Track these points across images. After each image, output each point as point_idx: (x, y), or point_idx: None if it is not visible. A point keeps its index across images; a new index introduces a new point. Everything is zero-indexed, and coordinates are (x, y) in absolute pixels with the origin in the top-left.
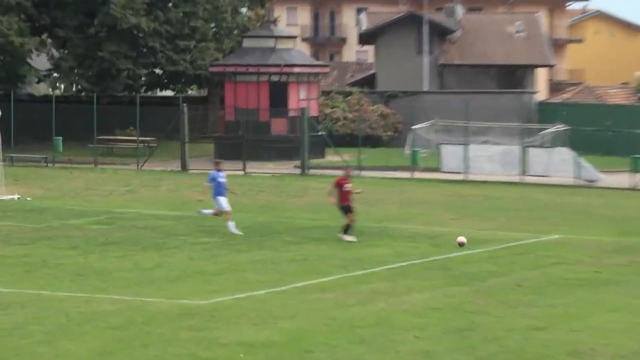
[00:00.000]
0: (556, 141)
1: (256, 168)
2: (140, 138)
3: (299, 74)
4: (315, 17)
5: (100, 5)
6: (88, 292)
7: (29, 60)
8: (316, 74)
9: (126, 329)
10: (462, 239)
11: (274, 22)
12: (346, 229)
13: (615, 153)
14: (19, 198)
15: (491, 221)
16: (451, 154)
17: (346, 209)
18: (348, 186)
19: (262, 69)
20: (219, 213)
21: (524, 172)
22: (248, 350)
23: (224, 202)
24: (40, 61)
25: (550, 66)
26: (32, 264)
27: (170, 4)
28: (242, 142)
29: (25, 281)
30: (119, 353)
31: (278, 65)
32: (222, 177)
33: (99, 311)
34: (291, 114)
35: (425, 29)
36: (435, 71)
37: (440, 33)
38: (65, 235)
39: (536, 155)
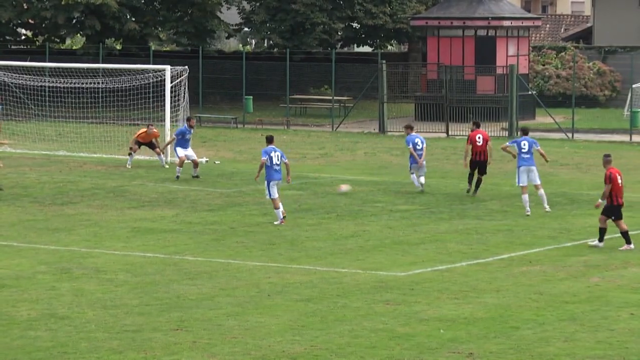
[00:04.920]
0: None
1: (459, 130)
2: (335, 97)
3: (508, 27)
4: None
5: None
6: (279, 262)
7: (218, 14)
8: (527, 28)
9: (319, 301)
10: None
11: None
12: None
13: None
14: (207, 161)
15: None
16: None
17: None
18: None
19: (468, 23)
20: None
21: None
22: (449, 327)
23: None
24: (230, 15)
25: None
26: (221, 232)
27: None
28: (445, 102)
29: (213, 250)
30: (312, 327)
31: (485, 19)
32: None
33: (291, 282)
34: (499, 71)
35: None
36: None
37: None
38: (255, 202)
39: None
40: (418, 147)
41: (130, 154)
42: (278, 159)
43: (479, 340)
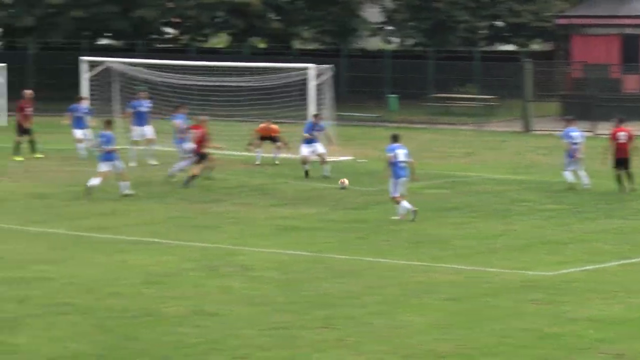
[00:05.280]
0: None
1: (607, 129)
2: (479, 96)
3: None
4: None
5: None
6: (425, 260)
7: (360, 13)
8: None
9: (467, 301)
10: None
11: None
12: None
13: None
14: (351, 160)
15: None
16: None
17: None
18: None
19: (614, 21)
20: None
21: None
22: (598, 327)
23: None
24: (372, 14)
25: None
26: (366, 230)
27: None
28: (591, 101)
29: (358, 248)
30: (459, 326)
31: (632, 17)
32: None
33: (438, 281)
34: None
35: None
36: None
37: None
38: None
39: None
40: (574, 141)
41: (249, 148)
42: (404, 157)
43: (630, 340)
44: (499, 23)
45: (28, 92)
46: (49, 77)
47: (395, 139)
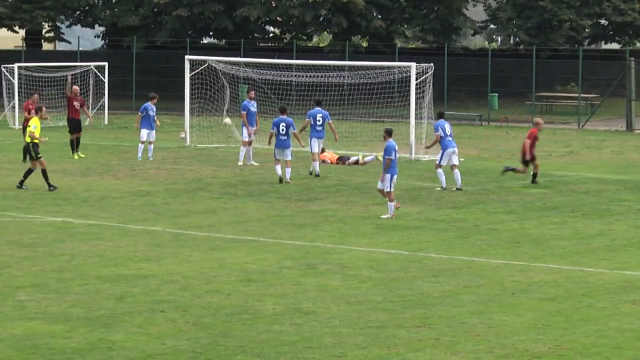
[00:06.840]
0: None
1: None
2: (582, 95)
3: None
4: None
5: None
6: (523, 260)
7: (464, 11)
8: None
9: (564, 301)
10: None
11: None
12: None
13: None
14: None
15: None
16: None
17: None
18: None
19: None
20: None
21: None
22: None
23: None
24: (476, 12)
25: None
26: (465, 229)
27: None
28: None
29: (457, 247)
30: (556, 326)
31: None
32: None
33: (535, 281)
34: None
35: None
36: None
37: None
38: (500, 199)
39: None
40: None
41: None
42: (396, 154)
43: None
44: (603, 21)
45: (75, 88)
46: (153, 75)
47: (389, 134)
